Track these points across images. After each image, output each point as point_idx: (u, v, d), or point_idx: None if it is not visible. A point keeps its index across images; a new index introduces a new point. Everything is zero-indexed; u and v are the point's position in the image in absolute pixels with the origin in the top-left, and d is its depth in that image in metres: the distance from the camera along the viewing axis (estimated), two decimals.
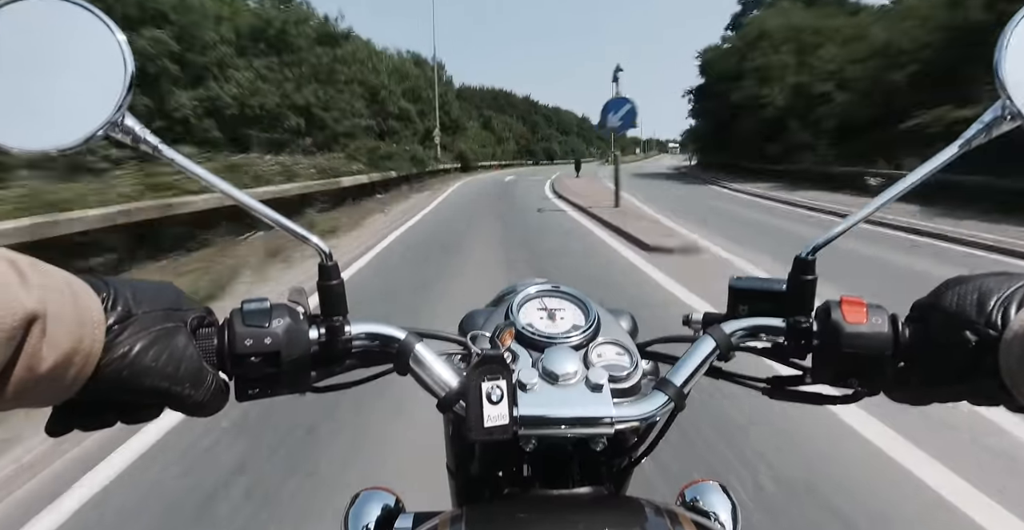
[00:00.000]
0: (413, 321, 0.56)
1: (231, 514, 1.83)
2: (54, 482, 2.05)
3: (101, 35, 0.42)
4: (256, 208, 0.46)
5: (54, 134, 0.41)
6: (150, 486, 2.02)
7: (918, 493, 1.91)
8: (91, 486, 2.01)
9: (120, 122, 0.42)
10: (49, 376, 0.32)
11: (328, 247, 0.46)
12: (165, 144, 0.44)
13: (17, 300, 0.29)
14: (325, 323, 0.46)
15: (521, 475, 0.54)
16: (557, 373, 0.45)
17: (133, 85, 0.42)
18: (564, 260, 6.14)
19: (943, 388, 0.43)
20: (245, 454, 2.18)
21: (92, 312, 0.34)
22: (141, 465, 2.15)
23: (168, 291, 0.41)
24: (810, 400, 0.51)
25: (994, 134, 0.45)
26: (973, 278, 0.44)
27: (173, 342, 0.38)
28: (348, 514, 0.62)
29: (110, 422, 0.40)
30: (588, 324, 0.51)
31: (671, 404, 0.46)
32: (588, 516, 0.44)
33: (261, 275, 5.50)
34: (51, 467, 2.13)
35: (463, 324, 0.61)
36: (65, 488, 2.00)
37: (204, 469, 2.09)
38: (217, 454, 2.19)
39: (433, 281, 5.13)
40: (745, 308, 0.52)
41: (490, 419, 0.42)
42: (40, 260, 0.34)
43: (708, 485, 0.66)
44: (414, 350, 0.47)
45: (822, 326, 0.47)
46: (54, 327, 0.31)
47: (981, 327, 0.40)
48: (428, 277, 5.30)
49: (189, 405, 0.40)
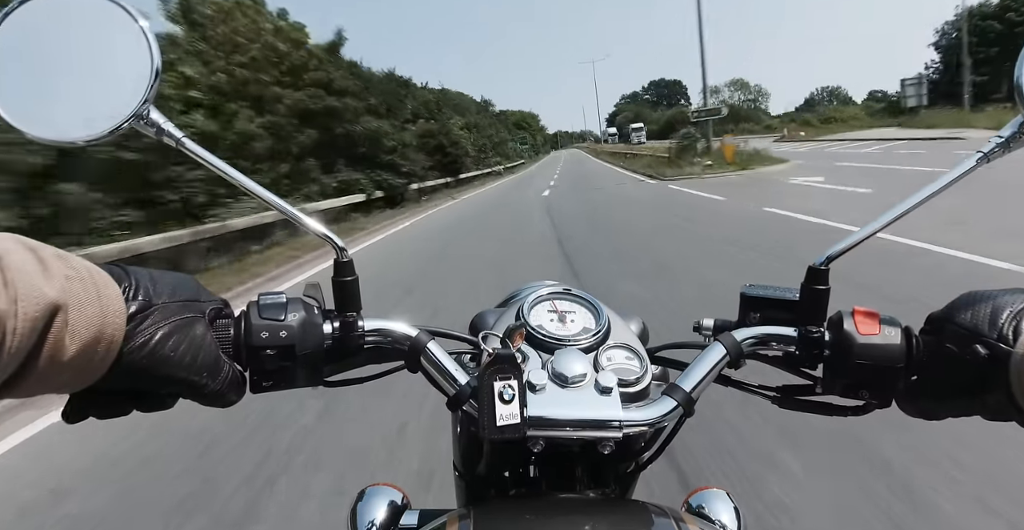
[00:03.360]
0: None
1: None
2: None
3: (129, 29, 0.42)
4: (274, 202, 0.47)
5: (81, 125, 0.41)
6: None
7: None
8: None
9: (145, 115, 0.42)
10: (71, 364, 0.32)
11: (343, 243, 0.47)
12: (188, 138, 0.45)
13: (40, 289, 0.30)
14: (339, 318, 0.47)
15: (528, 476, 0.54)
16: (567, 375, 0.46)
17: (159, 79, 0.42)
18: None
19: (954, 401, 0.43)
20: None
21: (113, 301, 0.35)
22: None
23: (187, 282, 0.42)
24: (820, 410, 0.50)
25: (1013, 149, 0.45)
26: (988, 293, 0.43)
27: (192, 332, 0.39)
28: (354, 509, 0.62)
29: (126, 410, 0.41)
30: (598, 327, 0.51)
31: (680, 410, 0.46)
32: (595, 519, 0.44)
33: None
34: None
35: (474, 324, 0.61)
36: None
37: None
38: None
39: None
40: (756, 316, 0.52)
41: (502, 418, 0.42)
42: (62, 250, 0.34)
43: (714, 492, 0.65)
44: (425, 348, 0.47)
45: (834, 336, 0.47)
46: (76, 316, 0.32)
47: (993, 342, 0.40)
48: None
49: (206, 394, 0.40)
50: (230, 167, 0.46)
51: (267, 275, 6.56)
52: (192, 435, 2.41)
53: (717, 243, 5.92)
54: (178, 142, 0.44)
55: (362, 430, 2.37)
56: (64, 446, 2.48)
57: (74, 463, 2.32)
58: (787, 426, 2.06)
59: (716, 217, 7.90)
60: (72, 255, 0.35)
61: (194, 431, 2.44)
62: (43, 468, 2.35)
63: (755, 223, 6.91)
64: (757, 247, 5.42)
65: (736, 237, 6.04)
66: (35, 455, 2.49)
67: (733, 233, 6.32)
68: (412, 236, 9.53)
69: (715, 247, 5.70)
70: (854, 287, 3.45)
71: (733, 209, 8.51)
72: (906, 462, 1.83)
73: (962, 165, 0.46)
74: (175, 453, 2.31)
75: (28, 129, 0.40)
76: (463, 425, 0.58)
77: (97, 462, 2.31)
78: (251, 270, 6.76)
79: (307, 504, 1.88)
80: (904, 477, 1.76)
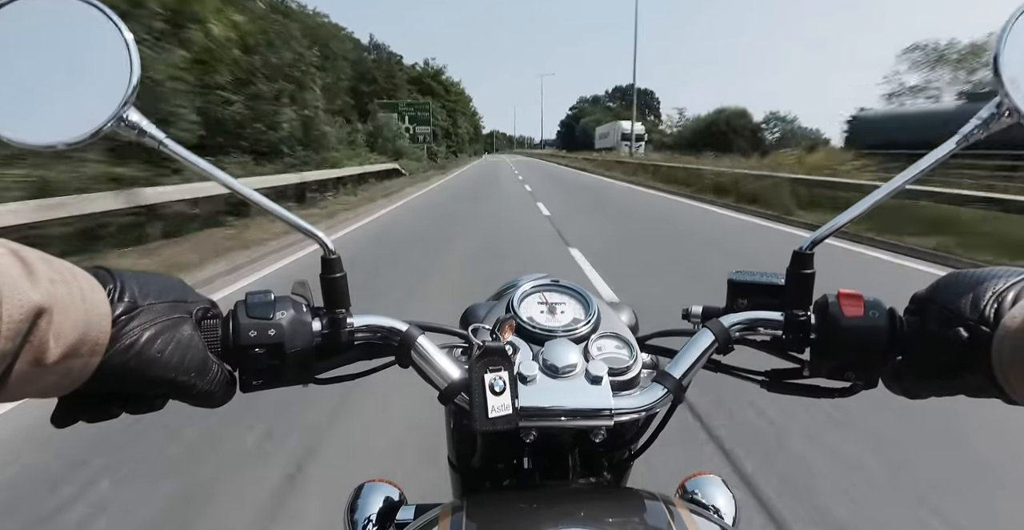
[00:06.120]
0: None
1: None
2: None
3: (108, 32, 0.42)
4: (259, 201, 0.47)
5: (61, 129, 0.41)
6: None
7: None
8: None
9: (126, 117, 0.42)
10: (56, 368, 0.32)
11: (330, 240, 0.47)
12: (169, 139, 0.44)
13: (24, 293, 0.30)
14: (328, 315, 0.47)
15: (522, 467, 0.55)
16: (557, 366, 0.46)
17: (139, 80, 0.42)
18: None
19: (937, 382, 0.44)
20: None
21: (98, 304, 0.35)
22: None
23: (173, 283, 0.42)
24: (808, 393, 0.51)
25: (992, 130, 0.46)
26: (971, 273, 0.44)
27: (179, 333, 0.39)
28: (350, 506, 0.62)
29: (115, 413, 0.41)
30: (588, 318, 0.52)
31: (670, 397, 0.47)
32: (588, 507, 0.44)
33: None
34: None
35: (464, 317, 0.62)
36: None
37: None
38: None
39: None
40: (744, 302, 0.52)
41: (494, 410, 0.42)
42: (46, 253, 0.34)
43: (708, 478, 0.66)
44: (416, 342, 0.47)
45: (820, 319, 0.48)
46: (60, 319, 0.32)
47: (974, 323, 0.41)
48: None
49: (195, 395, 0.40)
50: (213, 166, 0.45)
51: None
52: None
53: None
54: (160, 143, 0.44)
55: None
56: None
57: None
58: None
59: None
60: (56, 258, 0.34)
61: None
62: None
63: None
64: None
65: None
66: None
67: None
68: None
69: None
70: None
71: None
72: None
73: (943, 147, 0.46)
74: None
75: (6, 133, 0.40)
76: (456, 418, 0.59)
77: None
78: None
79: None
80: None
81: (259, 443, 2.16)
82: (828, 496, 1.82)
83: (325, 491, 1.85)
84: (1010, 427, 2.23)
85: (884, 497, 1.82)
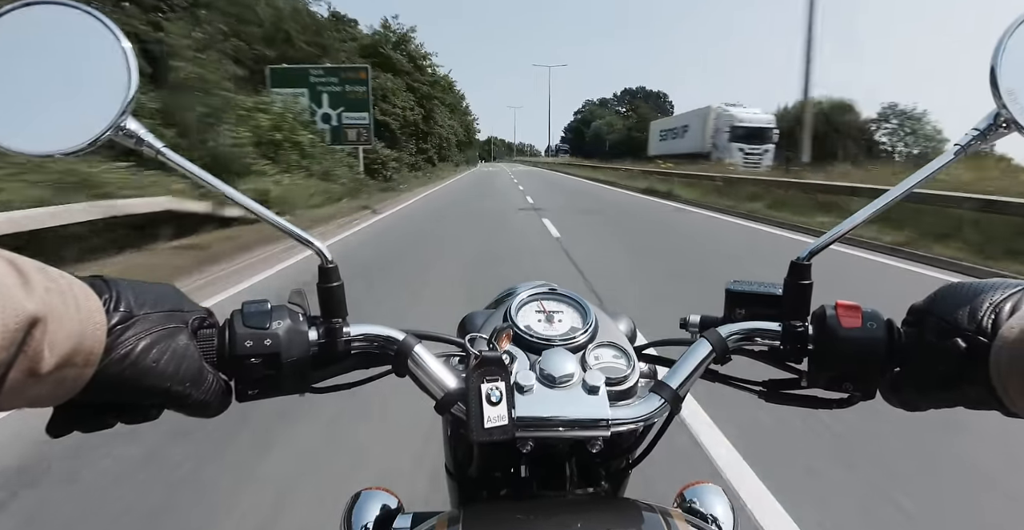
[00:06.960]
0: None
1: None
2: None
3: (106, 41, 0.42)
4: (256, 210, 0.47)
5: (60, 137, 0.41)
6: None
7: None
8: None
9: (124, 126, 0.42)
10: (50, 377, 0.32)
11: (327, 250, 0.47)
12: (167, 148, 0.44)
13: (19, 302, 0.30)
14: (324, 325, 0.47)
15: (519, 477, 0.54)
16: (554, 375, 0.46)
17: (137, 90, 0.42)
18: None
19: (935, 393, 0.44)
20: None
21: (94, 314, 0.35)
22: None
23: (169, 292, 0.42)
24: (806, 404, 0.51)
25: (989, 141, 0.46)
26: (968, 284, 0.44)
27: (174, 342, 0.39)
28: (347, 514, 0.62)
29: (110, 423, 0.41)
30: (585, 327, 0.52)
31: (667, 407, 0.46)
32: (585, 518, 0.44)
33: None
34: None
35: (462, 326, 0.62)
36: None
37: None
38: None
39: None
40: (742, 312, 0.52)
41: (490, 420, 0.42)
42: (41, 262, 0.34)
43: (707, 487, 0.66)
44: (412, 351, 0.47)
45: (818, 330, 0.47)
46: (55, 329, 0.32)
47: (972, 334, 0.40)
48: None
49: (190, 405, 0.40)
50: (209, 175, 0.45)
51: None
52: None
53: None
54: (158, 152, 0.44)
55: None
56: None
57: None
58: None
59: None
60: (51, 267, 0.34)
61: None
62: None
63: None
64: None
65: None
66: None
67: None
68: None
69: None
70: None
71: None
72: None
73: (942, 157, 0.46)
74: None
75: (4, 142, 0.40)
76: (453, 428, 0.58)
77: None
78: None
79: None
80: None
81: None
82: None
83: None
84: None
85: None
